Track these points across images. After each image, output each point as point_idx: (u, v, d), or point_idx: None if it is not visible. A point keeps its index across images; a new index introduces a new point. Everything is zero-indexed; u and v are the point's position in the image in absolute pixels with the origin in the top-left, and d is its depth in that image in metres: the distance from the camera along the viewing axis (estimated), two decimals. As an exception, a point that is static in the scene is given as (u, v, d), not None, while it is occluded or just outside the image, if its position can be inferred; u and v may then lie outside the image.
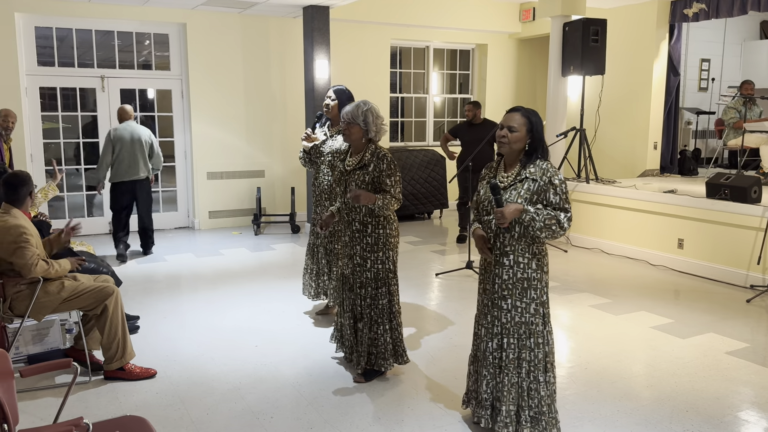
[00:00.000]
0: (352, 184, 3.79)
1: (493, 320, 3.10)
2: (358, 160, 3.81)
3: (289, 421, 3.46)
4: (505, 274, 3.03)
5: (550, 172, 2.95)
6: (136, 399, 3.72)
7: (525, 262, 3.00)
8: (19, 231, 3.72)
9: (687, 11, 8.60)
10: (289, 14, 8.80)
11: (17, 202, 3.87)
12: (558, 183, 2.95)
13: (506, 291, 3.04)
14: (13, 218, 3.77)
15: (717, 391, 3.84)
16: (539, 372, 3.05)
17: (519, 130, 2.98)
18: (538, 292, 3.02)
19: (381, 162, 3.73)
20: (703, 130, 11.00)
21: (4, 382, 2.26)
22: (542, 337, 3.05)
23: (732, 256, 6.18)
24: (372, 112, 3.78)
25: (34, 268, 3.71)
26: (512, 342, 3.05)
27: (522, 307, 3.02)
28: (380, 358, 3.86)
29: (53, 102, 8.13)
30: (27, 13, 7.72)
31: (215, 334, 4.77)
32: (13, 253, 3.70)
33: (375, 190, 3.75)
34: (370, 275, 3.82)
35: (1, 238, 3.70)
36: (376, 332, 3.84)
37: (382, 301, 3.83)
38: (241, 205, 9.16)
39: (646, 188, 7.31)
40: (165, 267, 6.81)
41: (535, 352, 3.04)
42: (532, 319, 3.02)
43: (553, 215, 2.88)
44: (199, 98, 8.70)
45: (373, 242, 3.79)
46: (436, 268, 6.73)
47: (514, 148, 3.01)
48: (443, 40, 10.55)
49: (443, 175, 9.62)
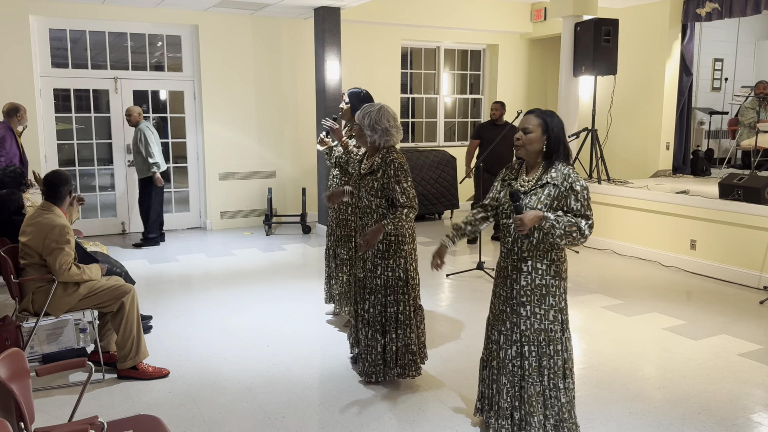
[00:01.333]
0: (362, 193, 3.77)
1: (512, 327, 3.03)
2: (369, 165, 3.78)
3: (300, 420, 3.47)
4: (524, 280, 2.97)
5: (572, 178, 2.87)
6: (149, 398, 3.75)
7: (543, 269, 2.94)
8: (64, 232, 3.77)
9: (700, 11, 8.54)
10: (300, 15, 8.83)
11: (58, 201, 3.91)
12: (579, 189, 2.86)
13: (525, 297, 2.98)
14: (58, 217, 3.81)
15: (729, 393, 3.82)
16: (558, 379, 3.01)
17: (534, 131, 2.91)
18: (556, 299, 2.97)
19: (389, 167, 3.65)
20: (716, 130, 10.92)
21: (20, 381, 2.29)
22: (561, 343, 3.01)
23: (745, 257, 6.14)
24: (383, 116, 3.70)
25: (66, 273, 3.76)
26: (533, 350, 2.99)
27: (541, 314, 2.96)
28: (379, 368, 3.80)
29: (67, 103, 8.20)
30: (41, 16, 7.80)
31: (227, 334, 4.80)
32: (51, 252, 3.74)
33: (384, 197, 3.70)
34: (380, 282, 3.75)
35: (46, 233, 3.74)
36: (377, 340, 3.77)
37: (390, 309, 3.76)
38: (253, 205, 9.20)
39: (658, 189, 7.27)
40: (177, 267, 6.85)
41: (555, 360, 3.00)
42: (551, 326, 2.97)
43: (574, 222, 2.82)
44: (211, 99, 8.75)
45: (384, 249, 3.72)
46: (447, 269, 6.73)
47: (530, 150, 2.94)
48: (454, 41, 10.54)
49: (454, 176, 9.62)
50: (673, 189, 7.23)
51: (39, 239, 3.76)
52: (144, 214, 7.79)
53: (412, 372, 3.82)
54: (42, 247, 3.76)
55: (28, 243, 3.79)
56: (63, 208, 3.96)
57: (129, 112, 7.59)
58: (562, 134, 2.94)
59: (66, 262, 3.75)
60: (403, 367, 3.81)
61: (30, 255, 3.82)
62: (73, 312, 3.98)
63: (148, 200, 7.70)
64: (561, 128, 2.94)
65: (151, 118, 8.63)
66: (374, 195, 3.71)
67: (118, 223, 8.63)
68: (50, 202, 3.90)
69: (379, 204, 3.72)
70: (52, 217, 3.80)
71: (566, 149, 2.95)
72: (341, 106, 4.84)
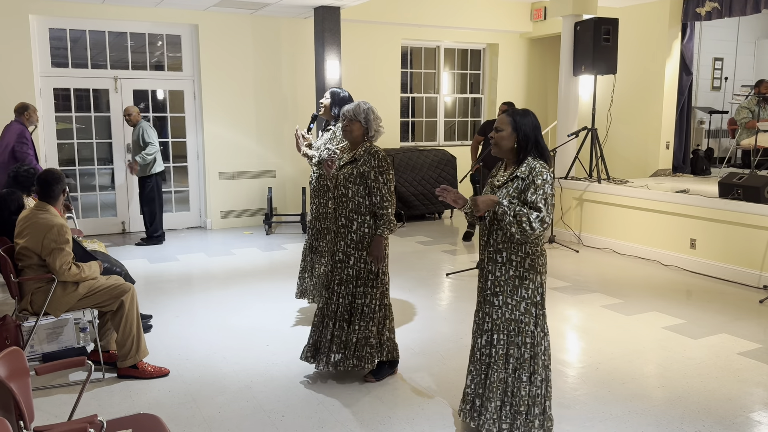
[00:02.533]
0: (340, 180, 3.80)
1: (484, 316, 3.13)
2: (351, 156, 3.82)
3: (300, 419, 3.48)
4: (498, 272, 3.06)
5: (537, 171, 2.95)
6: (149, 397, 3.75)
7: (518, 261, 3.02)
8: (63, 231, 3.76)
9: (699, 10, 8.54)
10: (300, 15, 8.83)
11: (52, 200, 3.89)
12: (540, 183, 2.93)
13: (498, 288, 3.07)
14: (54, 216, 3.80)
15: (729, 392, 3.82)
16: (523, 371, 3.05)
17: (504, 129, 3.05)
18: (530, 292, 3.03)
19: (372, 158, 3.72)
20: (716, 129, 10.92)
21: (20, 380, 2.29)
22: (531, 337, 3.05)
23: (745, 256, 6.14)
24: (372, 111, 3.82)
25: (66, 273, 3.76)
26: (501, 338, 3.07)
27: (513, 305, 3.04)
28: (359, 359, 3.81)
29: (67, 103, 8.20)
30: (41, 15, 7.80)
31: (227, 333, 4.80)
32: (50, 252, 3.73)
33: (362, 185, 3.72)
34: (352, 273, 3.78)
35: (44, 234, 3.74)
36: (350, 331, 3.80)
37: (358, 300, 3.79)
38: (253, 205, 9.20)
39: (658, 188, 7.27)
40: (177, 266, 6.85)
41: (521, 351, 3.05)
42: (522, 317, 3.04)
43: (525, 213, 2.87)
44: (211, 99, 8.75)
45: (358, 240, 3.76)
46: (447, 268, 6.74)
47: (503, 148, 3.07)
48: (454, 40, 10.54)
49: (454, 175, 9.62)
50: (673, 188, 7.23)
51: (37, 240, 3.75)
52: (148, 213, 7.80)
53: (368, 365, 3.84)
54: (41, 247, 3.76)
55: (26, 245, 3.78)
56: (58, 207, 3.94)
57: (128, 112, 7.61)
58: (534, 132, 3.04)
59: (66, 262, 3.75)
60: (360, 358, 3.82)
61: (28, 257, 3.81)
62: (72, 311, 3.98)
63: (151, 199, 7.71)
64: (532, 126, 3.04)
65: (150, 118, 8.63)
66: (353, 182, 3.74)
67: (118, 222, 8.63)
68: (44, 201, 3.88)
69: (356, 192, 3.74)
70: (49, 217, 3.79)
71: (539, 147, 3.04)
72: (321, 102, 4.97)
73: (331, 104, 4.89)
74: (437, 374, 4.06)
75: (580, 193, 7.87)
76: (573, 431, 3.35)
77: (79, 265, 3.85)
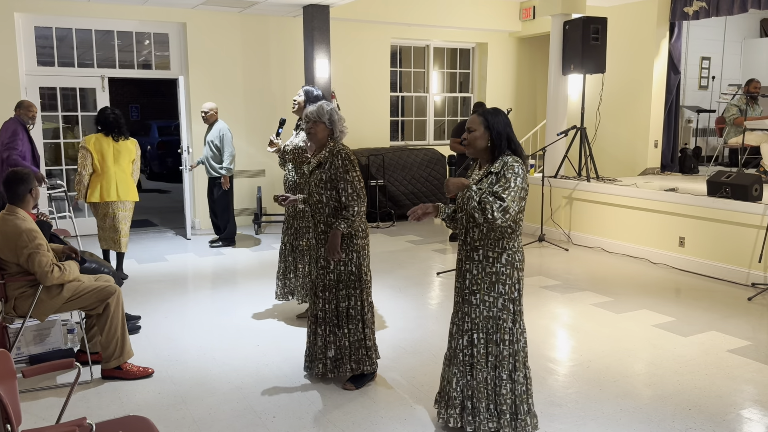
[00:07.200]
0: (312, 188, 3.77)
1: (463, 316, 3.13)
2: (318, 160, 3.77)
3: (291, 420, 3.46)
4: (475, 269, 3.07)
5: (508, 165, 2.97)
6: (138, 399, 3.72)
7: (494, 257, 3.02)
8: (32, 236, 3.67)
9: (687, 9, 8.59)
10: (289, 13, 8.80)
11: (18, 201, 3.80)
12: (509, 176, 2.94)
13: (475, 286, 3.07)
14: (22, 221, 3.71)
15: (719, 389, 3.84)
16: (502, 369, 3.06)
17: (476, 129, 3.06)
18: (507, 288, 3.03)
19: (336, 158, 3.67)
20: (704, 128, 10.99)
21: (6, 383, 2.26)
22: (510, 334, 3.05)
23: (733, 254, 6.18)
24: (336, 111, 3.78)
25: (50, 276, 3.69)
26: (481, 337, 3.07)
27: (490, 302, 3.04)
28: (357, 362, 3.79)
29: (53, 102, 8.13)
30: (27, 13, 7.72)
31: (217, 334, 4.77)
32: (27, 258, 3.66)
33: (334, 189, 3.68)
34: (333, 277, 3.75)
35: (14, 241, 3.65)
36: (341, 336, 3.77)
37: (342, 304, 3.76)
38: (242, 204, 9.15)
39: (646, 186, 7.31)
40: (166, 267, 6.80)
41: (500, 348, 3.06)
42: (499, 314, 3.04)
43: (490, 201, 2.88)
44: (199, 98, 8.69)
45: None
46: (437, 267, 6.73)
47: (477, 147, 3.08)
48: (443, 39, 10.54)
49: (444, 174, 9.62)
50: (661, 187, 7.27)
51: (10, 249, 3.67)
52: (221, 214, 7.70)
53: (367, 367, 3.81)
54: (16, 256, 3.68)
55: (1, 256, 3.70)
56: (27, 209, 3.83)
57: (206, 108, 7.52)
58: (506, 129, 3.06)
59: (47, 263, 3.68)
60: (357, 362, 3.80)
61: (7, 266, 3.74)
62: (58, 314, 3.93)
63: (224, 199, 7.63)
64: (504, 124, 3.07)
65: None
66: (323, 188, 3.70)
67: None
68: (12, 204, 3.77)
69: (330, 197, 3.71)
70: (16, 223, 3.68)
71: (513, 144, 3.06)
72: (295, 99, 4.99)
73: (305, 101, 4.90)
74: (429, 373, 4.05)
75: (570, 192, 7.89)
76: (564, 429, 3.35)
77: (61, 266, 3.78)
